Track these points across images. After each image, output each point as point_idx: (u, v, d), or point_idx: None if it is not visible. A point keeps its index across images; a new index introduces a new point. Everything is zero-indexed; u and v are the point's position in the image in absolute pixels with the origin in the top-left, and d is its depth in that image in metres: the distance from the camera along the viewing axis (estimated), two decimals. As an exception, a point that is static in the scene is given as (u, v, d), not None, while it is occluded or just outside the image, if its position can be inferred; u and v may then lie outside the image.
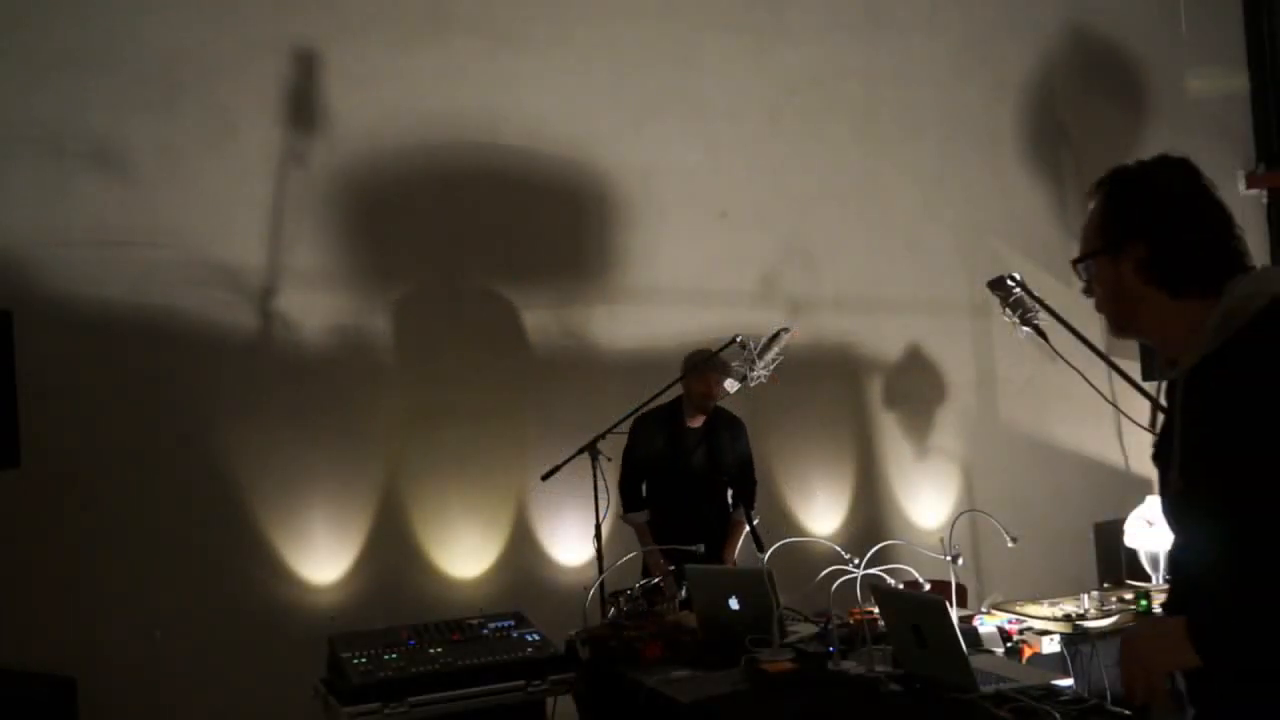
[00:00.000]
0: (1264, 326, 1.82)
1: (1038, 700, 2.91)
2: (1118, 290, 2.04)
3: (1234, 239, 1.92)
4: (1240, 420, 1.77)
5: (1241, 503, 1.75)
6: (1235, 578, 1.82)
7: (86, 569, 4.40)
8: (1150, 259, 1.94)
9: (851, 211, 5.85)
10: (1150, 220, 1.97)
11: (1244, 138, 6.86)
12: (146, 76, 4.60)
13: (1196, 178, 2.00)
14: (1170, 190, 2.00)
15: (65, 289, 4.44)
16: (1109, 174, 2.06)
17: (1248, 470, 1.74)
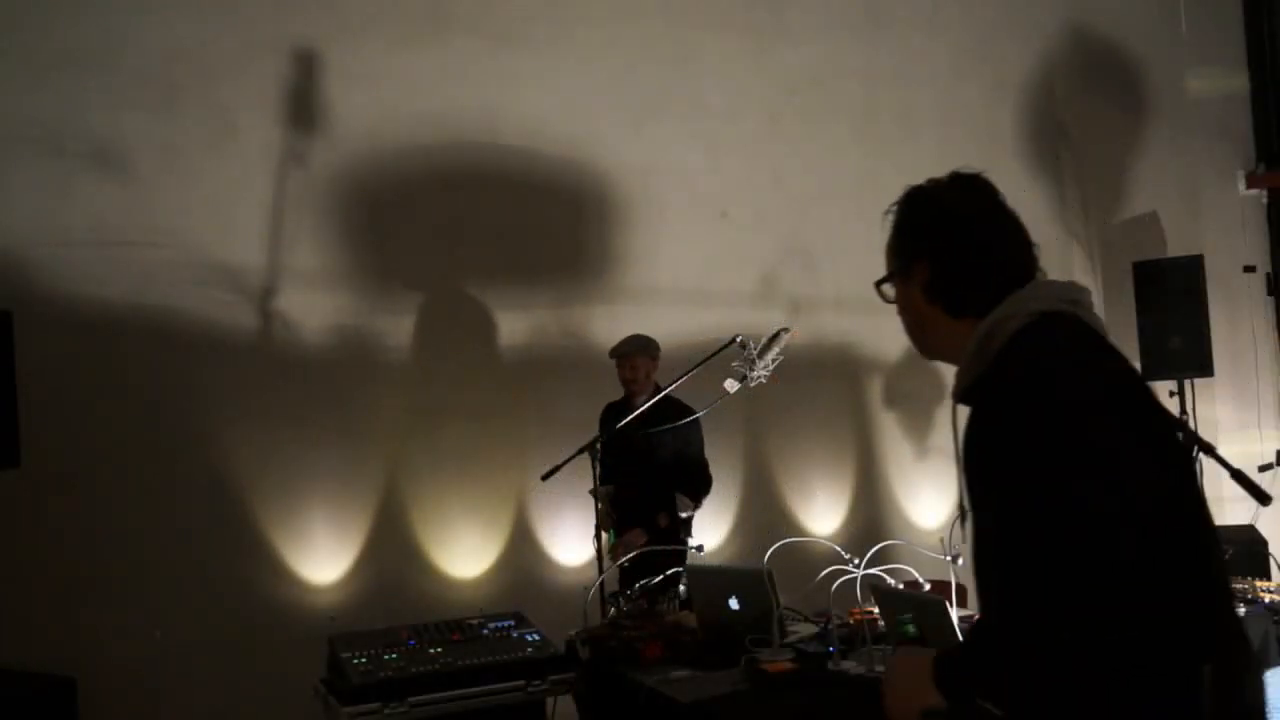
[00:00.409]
0: (1010, 355, 1.76)
1: (1038, 700, 2.91)
2: (909, 311, 2.02)
3: (1020, 258, 1.87)
4: (979, 464, 1.70)
5: (984, 549, 1.69)
6: (980, 615, 1.77)
7: (86, 569, 4.40)
8: (930, 279, 1.93)
9: (851, 211, 5.84)
10: (929, 241, 1.95)
11: (1244, 138, 6.86)
12: (146, 76, 4.60)
13: (982, 196, 1.93)
14: (950, 210, 1.95)
15: (65, 289, 4.44)
16: (903, 193, 2.04)
17: (986, 516, 1.68)
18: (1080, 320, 1.81)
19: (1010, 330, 1.78)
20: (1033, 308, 1.79)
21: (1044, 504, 1.57)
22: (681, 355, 4.94)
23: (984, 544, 1.70)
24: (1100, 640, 1.53)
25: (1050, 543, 1.56)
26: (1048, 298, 1.81)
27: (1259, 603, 4.19)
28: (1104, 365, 1.74)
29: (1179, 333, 5.70)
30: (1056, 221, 6.32)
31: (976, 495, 1.70)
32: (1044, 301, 1.80)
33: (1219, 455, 2.84)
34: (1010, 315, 1.80)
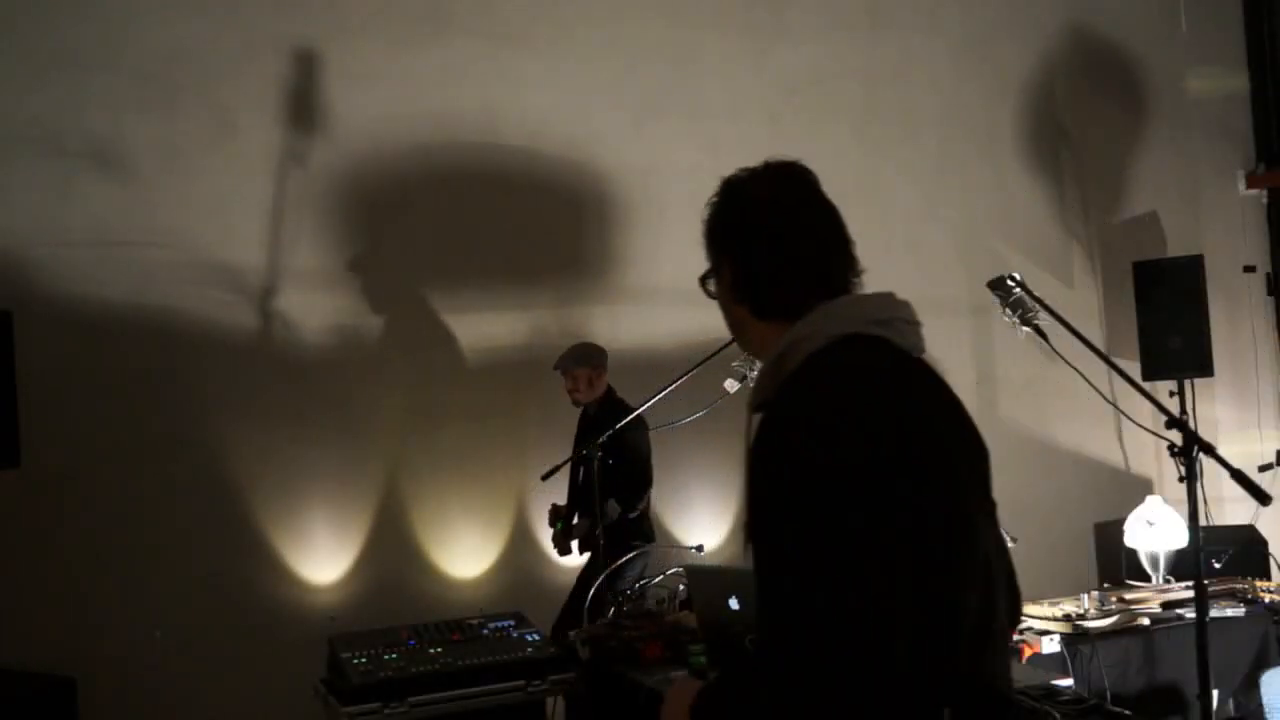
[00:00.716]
0: (795, 382, 1.69)
1: (1038, 700, 2.91)
2: (725, 310, 1.91)
3: (831, 259, 1.82)
4: (750, 484, 1.63)
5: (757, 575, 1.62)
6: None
7: (86, 569, 4.40)
8: (734, 278, 1.85)
9: (851, 211, 5.80)
10: (733, 237, 1.88)
11: (1244, 138, 6.85)
12: (146, 76, 4.60)
13: (791, 187, 1.89)
14: (754, 203, 1.88)
15: (65, 289, 4.44)
16: (719, 185, 1.92)
17: (757, 543, 1.61)
18: (884, 344, 1.75)
19: (804, 353, 1.72)
20: (833, 330, 1.73)
21: (791, 540, 1.55)
22: (681, 355, 4.94)
23: (756, 569, 1.63)
24: (832, 678, 1.51)
25: (790, 581, 1.54)
26: (852, 319, 1.76)
27: (1259, 603, 4.19)
28: (882, 404, 1.65)
29: (1179, 333, 5.70)
30: (1056, 221, 6.32)
31: (750, 515, 1.64)
32: (847, 323, 1.75)
33: (1219, 455, 2.84)
34: (808, 336, 1.74)
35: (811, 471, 1.56)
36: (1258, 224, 6.82)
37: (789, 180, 1.90)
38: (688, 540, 5.17)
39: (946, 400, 1.81)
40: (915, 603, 1.56)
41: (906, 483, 1.59)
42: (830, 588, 1.51)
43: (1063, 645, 3.76)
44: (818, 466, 1.56)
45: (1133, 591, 4.43)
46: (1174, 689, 3.86)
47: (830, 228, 1.86)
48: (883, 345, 1.75)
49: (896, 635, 1.52)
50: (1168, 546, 4.71)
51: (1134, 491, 5.79)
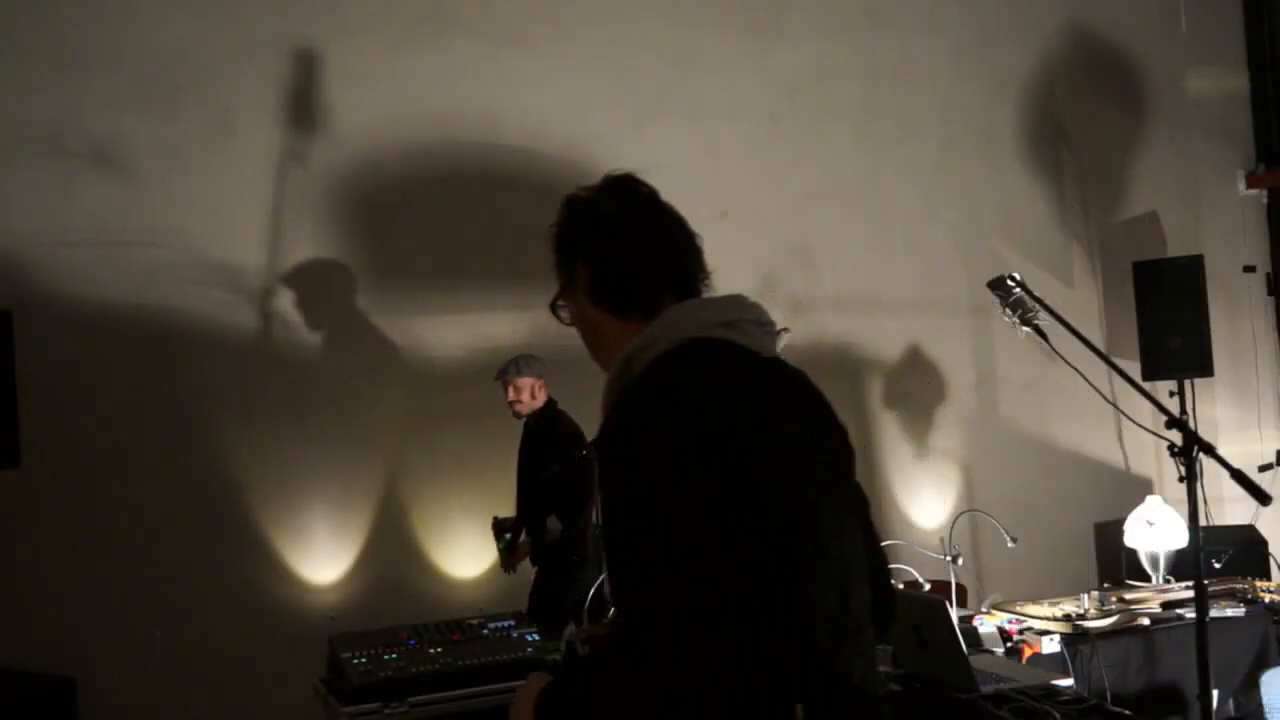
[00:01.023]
0: (636, 386, 1.74)
1: (1038, 700, 2.92)
2: (582, 322, 1.92)
3: (678, 258, 1.88)
4: (601, 495, 1.67)
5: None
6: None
7: (86, 569, 4.40)
8: (591, 282, 1.86)
9: (851, 211, 5.85)
10: (584, 243, 1.88)
11: (1244, 138, 6.85)
12: (146, 76, 4.60)
13: (633, 195, 1.92)
14: (602, 211, 1.90)
15: (65, 289, 4.44)
16: (562, 204, 1.95)
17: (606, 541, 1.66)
18: (730, 346, 1.79)
19: (649, 358, 1.77)
20: (677, 334, 1.78)
21: (626, 542, 1.61)
22: (681, 355, 4.94)
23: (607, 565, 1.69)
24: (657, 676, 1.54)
25: (631, 580, 1.60)
26: (697, 322, 1.80)
27: (1259, 603, 4.19)
28: (719, 407, 1.69)
29: (1179, 333, 5.70)
30: (1056, 221, 6.32)
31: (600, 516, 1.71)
32: (692, 327, 1.79)
33: (1219, 455, 2.84)
34: (653, 341, 1.79)
35: (644, 475, 1.61)
36: (1258, 224, 6.82)
37: (631, 190, 1.92)
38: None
39: (800, 401, 1.89)
40: (751, 602, 1.59)
41: (741, 485, 1.63)
42: (657, 589, 1.56)
43: (1063, 645, 3.76)
44: (650, 470, 1.61)
45: (1133, 591, 4.43)
46: (1174, 689, 3.86)
47: (677, 231, 1.92)
48: (728, 348, 1.79)
49: (721, 636, 1.55)
50: (1168, 546, 4.72)
51: (1134, 491, 5.79)
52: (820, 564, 1.72)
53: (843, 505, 1.85)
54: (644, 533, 1.58)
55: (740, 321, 1.82)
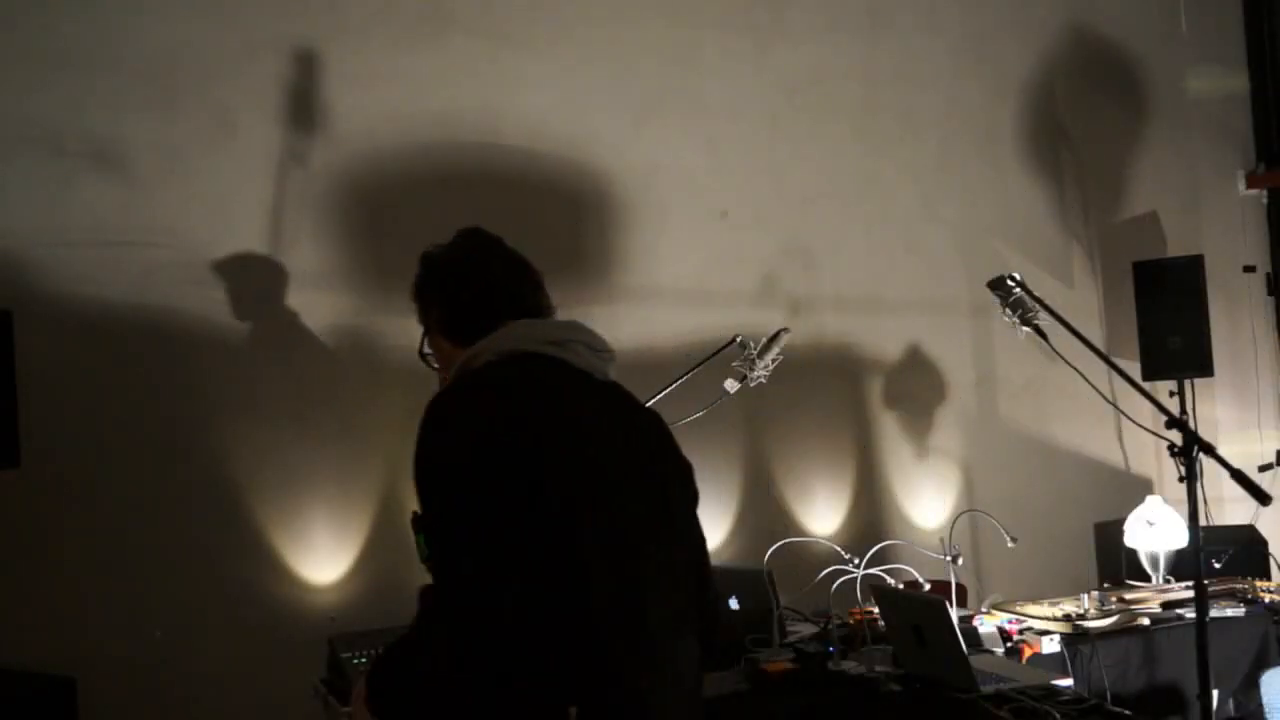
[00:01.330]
0: (452, 385, 1.96)
1: (1038, 700, 2.92)
2: (439, 357, 2.18)
3: (517, 291, 2.09)
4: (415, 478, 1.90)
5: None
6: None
7: (86, 569, 4.39)
8: (442, 318, 2.12)
9: (851, 211, 5.85)
10: (436, 286, 2.16)
11: (1244, 138, 6.85)
12: (146, 76, 4.60)
13: (476, 241, 2.19)
14: (449, 257, 2.18)
15: (65, 289, 4.44)
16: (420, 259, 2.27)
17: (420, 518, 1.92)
18: (556, 362, 1.96)
19: (475, 367, 1.97)
20: (505, 346, 1.97)
21: (427, 512, 1.85)
22: (681, 355, 4.94)
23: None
24: (438, 653, 1.80)
25: (432, 539, 1.85)
26: (527, 338, 1.99)
27: (1259, 603, 4.19)
28: (518, 412, 1.86)
29: (1179, 333, 5.70)
30: (1056, 221, 6.32)
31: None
32: (521, 341, 1.98)
33: (1219, 455, 2.84)
34: (482, 351, 2.00)
35: (430, 462, 1.84)
36: (1258, 224, 6.82)
37: (473, 237, 2.20)
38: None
39: (625, 421, 2.07)
40: (513, 602, 1.76)
41: (528, 474, 1.80)
42: (445, 546, 1.80)
43: (1063, 645, 3.76)
44: (434, 459, 1.83)
45: (1133, 591, 4.43)
46: (1174, 689, 3.87)
47: (516, 269, 2.15)
48: (553, 362, 1.97)
49: (497, 586, 1.76)
50: (1168, 546, 4.72)
51: (1134, 491, 5.79)
52: (613, 573, 1.85)
53: (660, 527, 2.02)
54: (437, 505, 1.82)
55: (571, 342, 2.01)
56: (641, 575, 1.90)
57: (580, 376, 1.99)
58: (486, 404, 1.86)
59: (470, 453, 1.80)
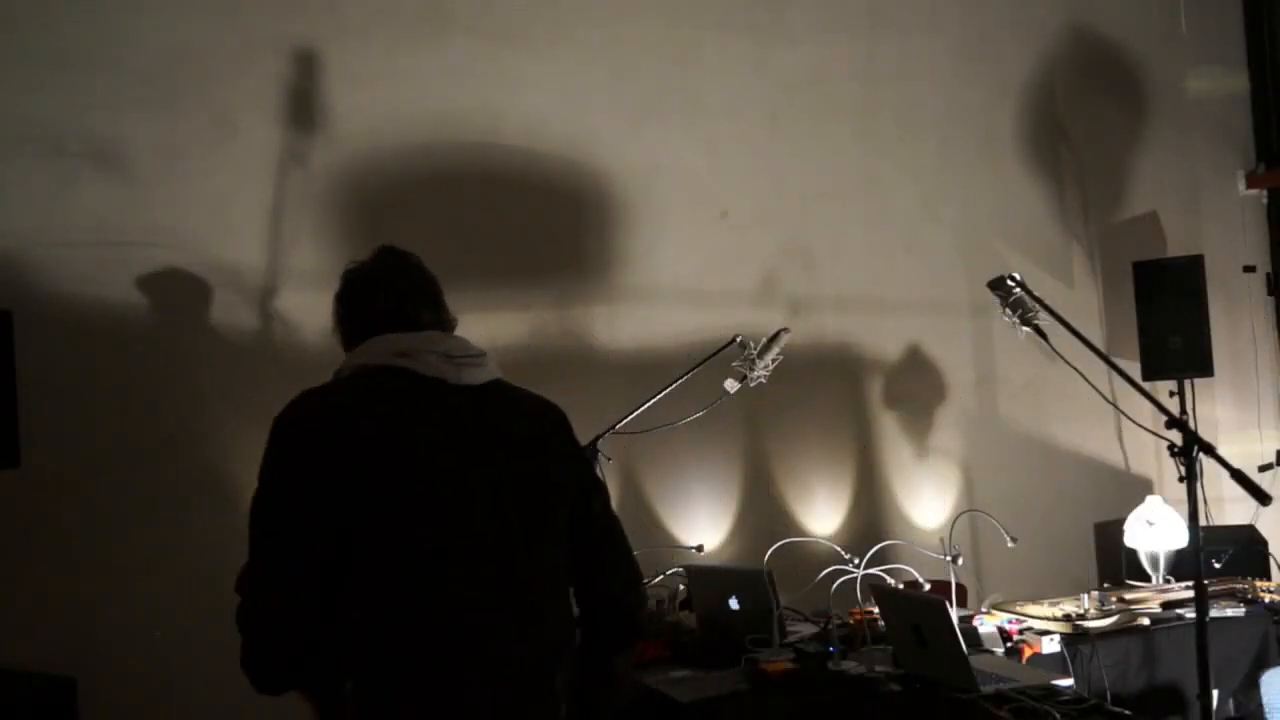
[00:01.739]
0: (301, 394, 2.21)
1: (1038, 700, 2.92)
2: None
3: (398, 308, 2.29)
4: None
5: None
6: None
7: (86, 569, 4.39)
8: (338, 327, 2.40)
9: (851, 211, 5.85)
10: (340, 298, 2.43)
11: (1244, 138, 6.85)
12: (146, 76, 4.60)
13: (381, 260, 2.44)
14: (351, 274, 2.44)
15: (65, 289, 4.44)
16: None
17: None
18: (402, 373, 2.14)
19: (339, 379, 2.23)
20: (358, 361, 2.21)
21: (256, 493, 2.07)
22: (681, 355, 4.94)
23: None
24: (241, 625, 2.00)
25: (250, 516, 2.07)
26: (377, 353, 2.20)
27: (1259, 603, 4.20)
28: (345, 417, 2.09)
29: (1179, 333, 5.70)
30: (1056, 221, 6.32)
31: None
32: (371, 356, 2.20)
33: (1219, 455, 2.84)
34: (344, 367, 2.26)
35: (266, 456, 2.09)
36: (1258, 224, 6.82)
37: (376, 259, 2.43)
38: (687, 540, 5.18)
39: (472, 420, 2.16)
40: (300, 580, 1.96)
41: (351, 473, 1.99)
42: (252, 548, 2.02)
43: (1063, 645, 3.76)
44: (268, 453, 2.10)
45: (1133, 591, 4.43)
46: (1174, 689, 3.87)
47: (404, 281, 2.36)
48: (399, 374, 2.15)
49: (289, 569, 1.97)
50: (1168, 546, 4.72)
51: (1134, 491, 5.79)
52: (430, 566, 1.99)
53: (490, 521, 2.07)
54: (260, 489, 2.06)
55: (421, 353, 2.18)
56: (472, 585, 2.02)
57: (427, 384, 2.14)
58: (319, 411, 2.11)
59: (292, 445, 2.08)
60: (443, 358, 2.20)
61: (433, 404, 2.12)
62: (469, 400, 2.17)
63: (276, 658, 1.98)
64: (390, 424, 2.06)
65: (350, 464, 1.99)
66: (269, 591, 1.97)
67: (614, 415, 4.51)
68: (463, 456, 2.09)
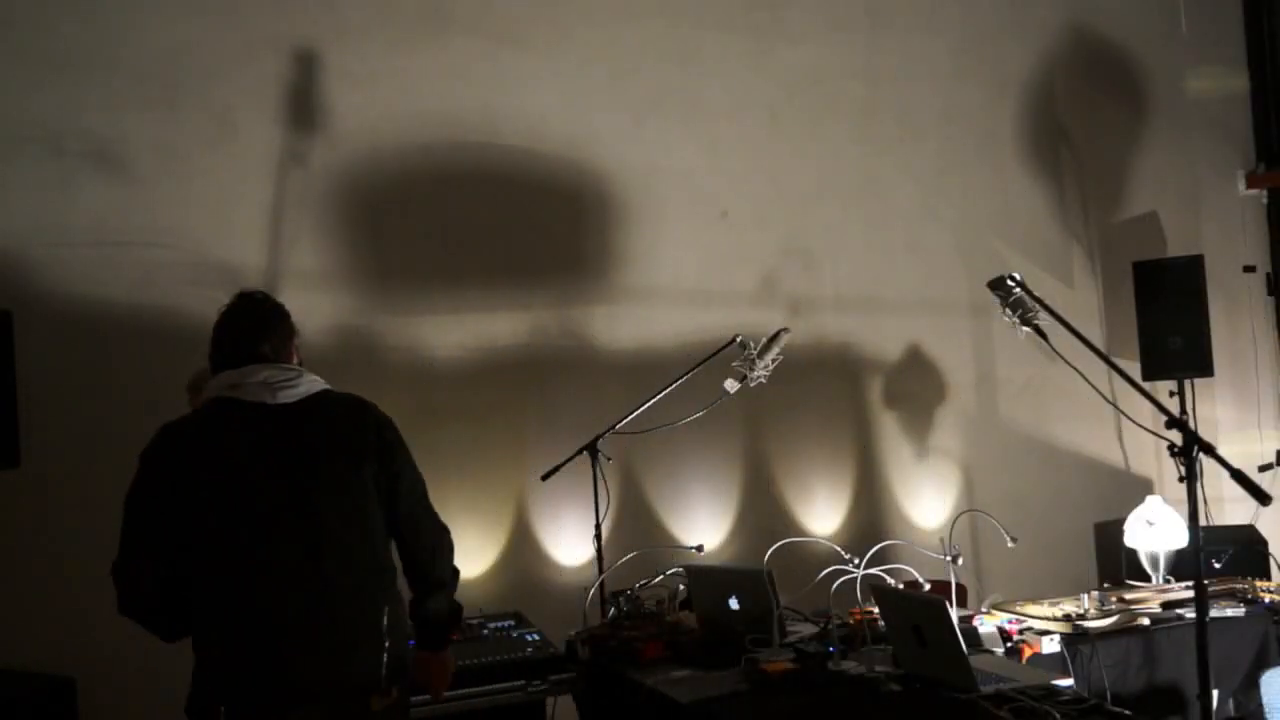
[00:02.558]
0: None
1: (1038, 700, 2.92)
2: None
3: (236, 348, 2.78)
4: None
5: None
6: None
7: (86, 569, 4.37)
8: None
9: (851, 211, 5.85)
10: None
11: (1244, 138, 6.85)
12: (146, 76, 4.60)
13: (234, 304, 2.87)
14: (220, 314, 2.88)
15: (65, 289, 4.44)
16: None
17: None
18: (229, 402, 2.70)
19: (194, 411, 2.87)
20: (209, 395, 2.77)
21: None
22: (681, 355, 4.94)
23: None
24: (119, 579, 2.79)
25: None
26: (215, 387, 2.75)
27: (1259, 603, 4.19)
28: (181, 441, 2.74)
29: (1179, 333, 5.70)
30: (1056, 221, 6.32)
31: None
32: (211, 390, 2.76)
33: (1219, 455, 2.84)
34: (201, 403, 2.84)
35: (137, 472, 2.72)
36: (1258, 224, 6.82)
37: (236, 299, 2.87)
38: (687, 540, 5.18)
39: (287, 434, 2.70)
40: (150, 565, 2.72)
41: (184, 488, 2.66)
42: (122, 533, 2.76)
43: (1063, 645, 3.76)
44: (139, 471, 2.72)
45: (1133, 591, 4.43)
46: (1174, 689, 3.86)
47: (253, 321, 2.82)
48: (227, 403, 2.72)
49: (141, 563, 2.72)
50: (1168, 546, 4.71)
51: (1134, 491, 5.79)
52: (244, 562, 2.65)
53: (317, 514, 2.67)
54: (127, 502, 2.71)
55: (243, 384, 2.70)
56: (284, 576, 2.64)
57: (248, 409, 2.69)
58: (168, 440, 2.74)
59: (145, 471, 2.71)
60: (261, 385, 2.70)
61: (252, 425, 2.68)
62: (285, 416, 2.70)
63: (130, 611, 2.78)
64: (217, 447, 2.68)
65: (184, 482, 2.66)
66: (123, 579, 2.76)
67: (614, 415, 4.51)
68: (273, 463, 2.67)
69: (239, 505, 2.64)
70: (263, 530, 2.64)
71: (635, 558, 4.48)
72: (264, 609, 2.60)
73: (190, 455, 2.67)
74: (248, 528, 2.63)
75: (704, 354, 4.65)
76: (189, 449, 2.69)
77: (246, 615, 2.61)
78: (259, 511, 2.64)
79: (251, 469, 2.65)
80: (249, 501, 2.64)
